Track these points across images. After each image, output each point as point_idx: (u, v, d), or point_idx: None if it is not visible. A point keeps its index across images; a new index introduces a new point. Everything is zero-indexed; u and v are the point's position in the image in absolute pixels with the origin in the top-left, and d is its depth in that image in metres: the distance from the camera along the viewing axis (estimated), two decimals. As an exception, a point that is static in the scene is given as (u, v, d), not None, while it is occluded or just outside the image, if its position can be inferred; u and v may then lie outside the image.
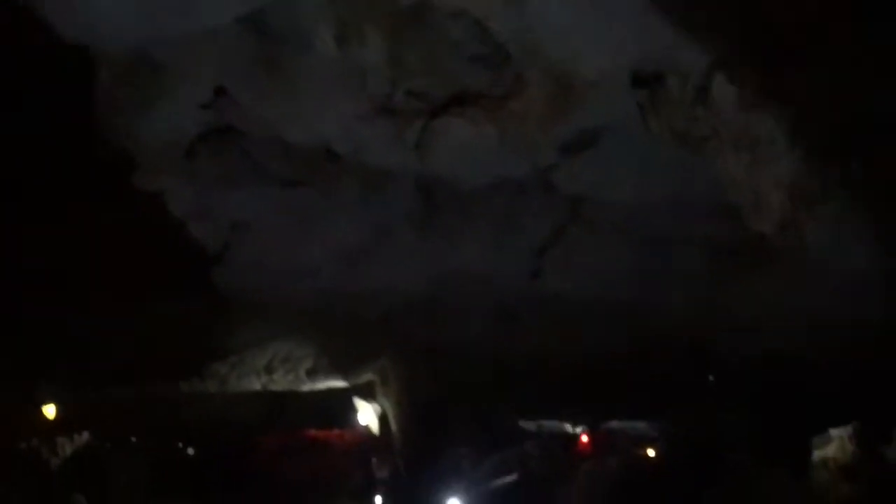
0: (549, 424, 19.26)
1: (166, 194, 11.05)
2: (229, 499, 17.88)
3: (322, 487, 19.17)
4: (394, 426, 16.92)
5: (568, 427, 19.26)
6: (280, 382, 16.36)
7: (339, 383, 16.84)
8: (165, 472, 19.03)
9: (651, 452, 19.73)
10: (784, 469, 16.43)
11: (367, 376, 16.70)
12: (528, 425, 18.95)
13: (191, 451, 20.77)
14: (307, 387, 16.68)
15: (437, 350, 14.73)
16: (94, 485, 16.75)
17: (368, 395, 17.63)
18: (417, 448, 16.48)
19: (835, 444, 16.13)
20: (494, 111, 9.31)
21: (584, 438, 19.59)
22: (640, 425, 18.93)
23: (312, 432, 20.49)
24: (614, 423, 19.09)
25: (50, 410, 16.47)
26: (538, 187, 11.36)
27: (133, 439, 19.67)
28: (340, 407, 18.29)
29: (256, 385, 16.27)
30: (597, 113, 9.39)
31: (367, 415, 18.28)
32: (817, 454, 16.37)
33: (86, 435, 17.91)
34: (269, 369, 15.95)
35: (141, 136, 10.30)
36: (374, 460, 18.34)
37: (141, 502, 17.37)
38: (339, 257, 12.14)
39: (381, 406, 17.44)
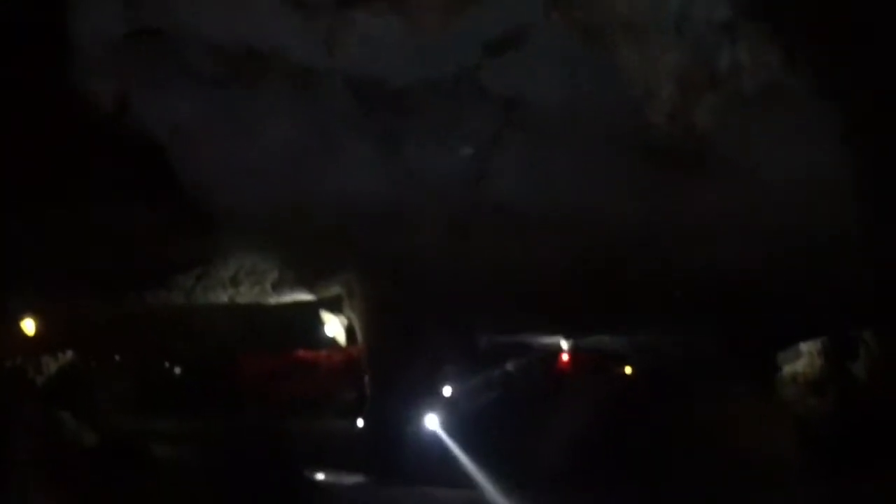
0: (532, 340, 19.54)
1: (101, 95, 11.18)
2: (216, 418, 18.28)
3: (309, 406, 19.61)
4: (360, 338, 17.16)
5: (552, 341, 19.54)
6: (247, 295, 16.60)
7: (305, 296, 17.09)
8: (151, 391, 19.51)
9: (628, 370, 20.11)
10: (752, 383, 16.69)
11: (334, 289, 16.90)
12: (507, 340, 19.24)
13: (178, 370, 21.23)
14: (274, 300, 16.93)
15: (397, 263, 14.86)
16: (80, 402, 17.12)
17: (336, 309, 17.87)
18: (385, 362, 16.74)
19: (804, 360, 16.40)
20: (398, 3, 9.39)
21: (565, 357, 19.92)
22: (617, 342, 19.20)
23: (301, 352, 20.87)
24: (589, 340, 19.36)
25: (29, 326, 16.81)
26: (471, 90, 11.36)
27: (117, 357, 20.10)
28: (304, 320, 18.54)
29: (223, 298, 16.52)
30: (505, 10, 9.46)
31: (333, 327, 18.55)
32: (787, 369, 16.66)
33: (70, 353, 18.32)
34: (234, 282, 16.17)
35: (70, 36, 10.41)
36: (366, 379, 18.68)
37: (126, 419, 17.79)
38: (282, 161, 12.21)
39: (349, 319, 17.67)
